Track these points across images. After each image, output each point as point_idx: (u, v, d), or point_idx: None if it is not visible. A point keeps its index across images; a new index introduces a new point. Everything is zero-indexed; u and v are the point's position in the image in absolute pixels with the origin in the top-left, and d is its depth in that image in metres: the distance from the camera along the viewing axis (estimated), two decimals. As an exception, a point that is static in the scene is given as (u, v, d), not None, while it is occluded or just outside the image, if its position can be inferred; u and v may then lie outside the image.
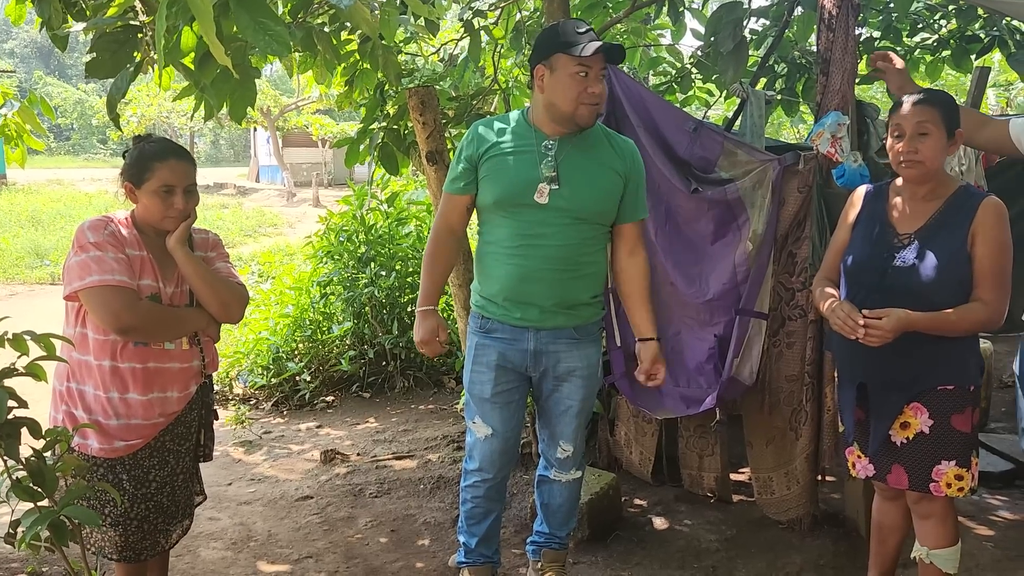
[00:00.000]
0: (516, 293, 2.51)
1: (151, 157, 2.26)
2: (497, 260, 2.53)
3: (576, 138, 2.48)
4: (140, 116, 23.46)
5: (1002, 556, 3.09)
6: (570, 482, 2.79)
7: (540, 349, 2.55)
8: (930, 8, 4.66)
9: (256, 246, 14.55)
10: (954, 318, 2.20)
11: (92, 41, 2.34)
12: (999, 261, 2.24)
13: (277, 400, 5.50)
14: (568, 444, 2.70)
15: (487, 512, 2.77)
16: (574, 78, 2.37)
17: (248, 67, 2.81)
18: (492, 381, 2.59)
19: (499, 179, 2.48)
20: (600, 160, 2.50)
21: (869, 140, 3.18)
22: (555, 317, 2.52)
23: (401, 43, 4.68)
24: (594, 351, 2.65)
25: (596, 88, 2.38)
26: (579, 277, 2.51)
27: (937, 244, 2.26)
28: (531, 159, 2.46)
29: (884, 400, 2.35)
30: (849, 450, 2.53)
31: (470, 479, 2.75)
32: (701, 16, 4.70)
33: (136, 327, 2.19)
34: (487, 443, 2.66)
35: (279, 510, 3.75)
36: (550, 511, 2.85)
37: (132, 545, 2.32)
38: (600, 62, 2.38)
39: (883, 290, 2.29)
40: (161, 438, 2.34)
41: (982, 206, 2.25)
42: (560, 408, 2.65)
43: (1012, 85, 11.59)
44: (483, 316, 2.61)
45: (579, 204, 2.45)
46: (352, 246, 5.99)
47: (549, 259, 2.46)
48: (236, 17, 1.84)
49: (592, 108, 2.41)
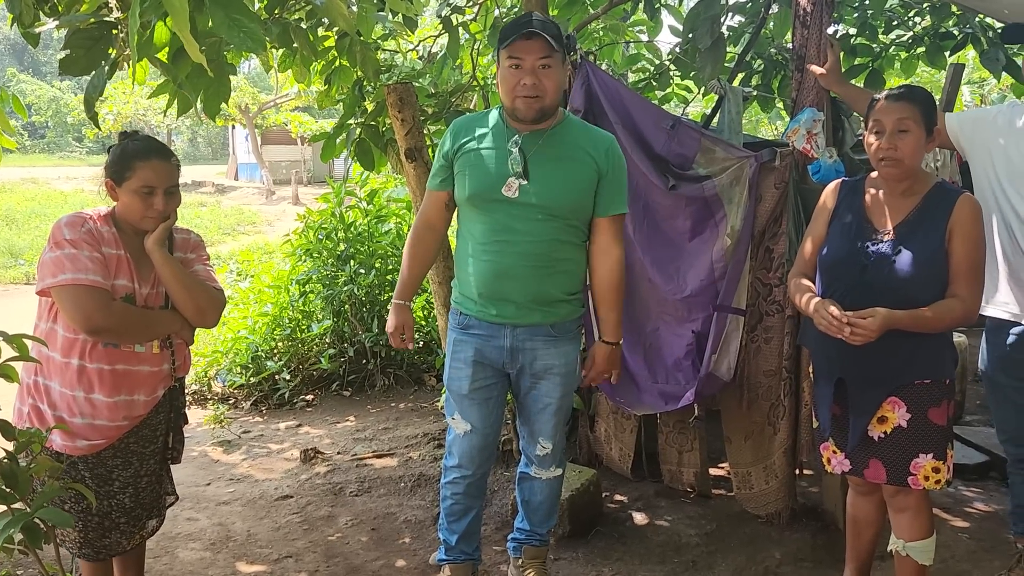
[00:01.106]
0: (491, 290, 2.51)
1: (133, 156, 2.23)
2: (473, 257, 2.53)
3: (548, 133, 2.47)
4: (116, 114, 23.19)
5: (977, 547, 3.13)
6: (551, 479, 2.79)
7: (516, 346, 2.55)
8: (904, 5, 4.70)
9: (235, 244, 14.47)
10: (934, 315, 2.22)
11: (66, 38, 2.30)
12: (975, 258, 2.27)
13: (256, 399, 5.46)
14: (547, 441, 2.70)
15: (467, 509, 2.77)
16: (508, 71, 2.39)
17: (223, 63, 2.79)
18: (469, 377, 2.60)
19: (471, 175, 2.49)
20: (573, 154, 2.48)
21: (844, 136, 3.20)
22: (531, 314, 2.52)
23: (379, 40, 4.66)
24: (572, 349, 2.64)
25: (528, 80, 2.35)
26: (554, 274, 2.50)
27: (916, 241, 2.28)
28: (501, 155, 2.46)
29: (862, 396, 2.37)
30: (824, 446, 2.54)
31: (450, 476, 2.75)
32: (678, 13, 4.71)
33: (107, 328, 2.17)
34: (466, 439, 2.66)
35: (258, 510, 3.72)
36: (531, 508, 2.85)
37: (91, 542, 2.30)
38: (535, 53, 2.34)
39: (862, 286, 2.30)
40: (126, 440, 2.32)
41: (959, 203, 2.27)
42: (538, 405, 2.66)
43: (986, 82, 11.72)
44: (461, 312, 2.62)
45: (549, 199, 2.43)
46: (331, 244, 5.97)
47: (522, 255, 2.45)
48: (210, 13, 1.83)
49: (528, 101, 2.38)
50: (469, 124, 2.56)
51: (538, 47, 2.33)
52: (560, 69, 2.42)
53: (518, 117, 2.43)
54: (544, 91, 2.38)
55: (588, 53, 3.58)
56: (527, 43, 2.33)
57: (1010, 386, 2.68)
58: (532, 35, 2.32)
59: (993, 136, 2.57)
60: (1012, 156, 2.52)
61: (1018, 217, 2.50)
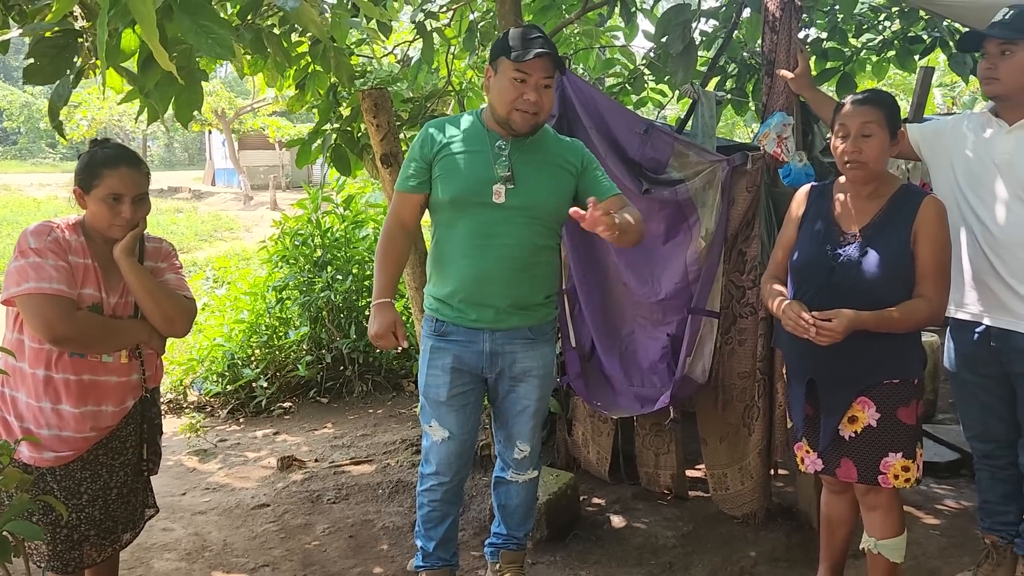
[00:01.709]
0: (472, 294, 2.50)
1: (101, 163, 2.21)
2: (452, 261, 2.53)
3: (529, 141, 2.51)
4: (91, 120, 22.97)
5: (948, 544, 3.17)
6: (527, 482, 2.80)
7: (496, 350, 2.56)
8: (874, 9, 4.76)
9: (211, 251, 14.36)
10: (899, 316, 2.25)
11: (30, 46, 2.28)
12: (940, 258, 2.31)
13: (233, 407, 5.42)
14: (525, 444, 2.71)
15: (444, 515, 2.77)
16: (512, 83, 2.40)
17: (195, 70, 2.77)
18: (448, 384, 2.59)
19: (454, 178, 2.48)
20: (553, 161, 2.53)
21: (813, 140, 3.24)
22: (510, 318, 2.53)
23: (353, 45, 4.65)
24: (549, 351, 2.66)
25: (532, 96, 2.39)
26: (534, 277, 2.53)
27: (881, 242, 2.32)
28: (485, 159, 2.47)
29: (833, 395, 2.40)
30: (798, 446, 2.57)
31: (427, 483, 2.74)
32: (653, 17, 4.74)
33: (70, 338, 2.15)
34: (443, 446, 2.66)
35: (235, 519, 3.70)
36: (507, 512, 2.86)
37: (59, 555, 2.26)
38: (541, 71, 2.39)
39: (830, 288, 2.33)
40: (95, 451, 2.29)
41: (923, 205, 2.31)
42: (517, 408, 2.66)
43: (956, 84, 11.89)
44: (437, 319, 2.60)
45: (534, 203, 2.47)
46: (308, 250, 5.94)
47: (504, 259, 2.46)
48: (178, 20, 1.82)
49: (526, 116, 2.42)
50: (445, 127, 2.56)
51: (545, 66, 2.39)
52: (552, 89, 2.49)
53: (512, 128, 2.45)
54: (542, 108, 2.44)
55: (563, 58, 3.59)
56: (537, 61, 2.36)
57: (974, 383, 2.72)
58: (543, 55, 2.35)
59: (953, 145, 2.63)
60: (972, 164, 2.58)
61: (979, 221, 2.55)
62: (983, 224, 2.53)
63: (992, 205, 2.51)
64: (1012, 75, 2.45)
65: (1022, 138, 2.48)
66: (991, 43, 2.48)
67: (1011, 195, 2.49)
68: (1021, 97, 2.48)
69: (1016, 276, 2.50)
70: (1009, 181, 2.49)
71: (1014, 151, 2.49)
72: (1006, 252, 2.51)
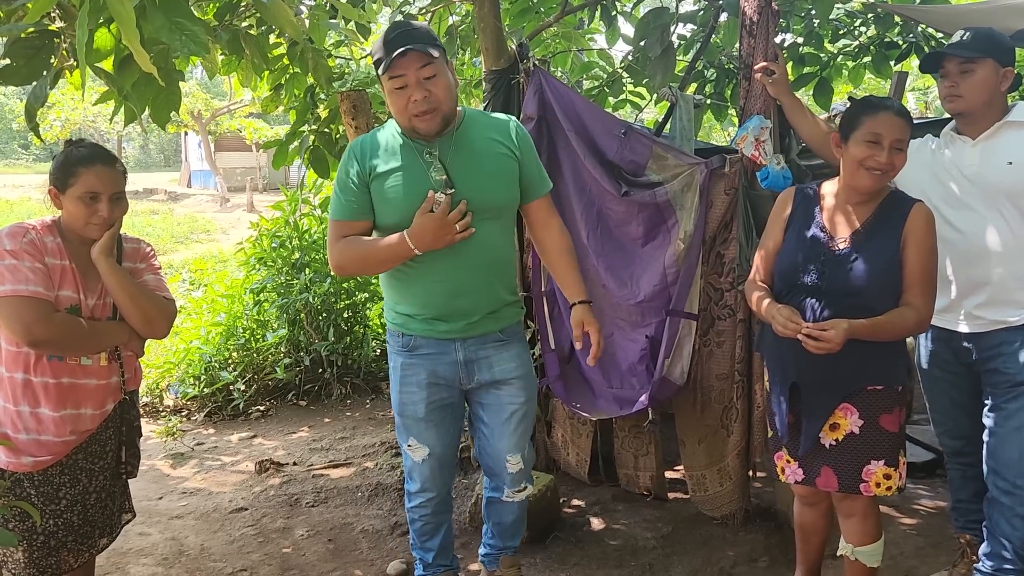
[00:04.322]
0: (443, 309, 2.42)
1: (77, 162, 2.19)
2: (417, 280, 2.41)
3: (456, 134, 2.36)
4: (64, 120, 22.71)
5: (924, 543, 3.20)
6: (523, 499, 2.73)
7: (469, 358, 2.48)
8: (850, 15, 4.80)
9: (188, 253, 14.25)
10: (889, 325, 2.24)
11: (6, 47, 2.25)
12: (927, 266, 2.30)
13: (210, 410, 5.37)
14: (515, 456, 2.61)
15: (438, 526, 2.71)
16: (394, 93, 2.26)
17: (172, 71, 2.75)
18: (424, 400, 2.50)
19: (393, 200, 2.33)
20: (487, 147, 2.38)
21: (790, 143, 3.26)
22: (480, 324, 2.46)
23: (332, 47, 4.63)
24: (523, 350, 2.59)
25: (417, 95, 2.23)
26: (501, 276, 2.48)
27: (872, 249, 2.30)
28: (419, 171, 2.33)
29: (815, 400, 2.38)
30: (778, 455, 2.55)
31: (415, 500, 2.68)
32: (634, 20, 4.76)
33: (48, 340, 2.12)
34: (426, 464, 2.59)
35: (212, 523, 3.67)
36: (503, 528, 2.78)
37: (36, 562, 2.23)
38: (414, 66, 2.21)
39: (819, 294, 2.32)
40: (73, 455, 2.26)
41: (913, 212, 2.31)
42: (503, 416, 2.56)
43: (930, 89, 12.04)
44: (403, 334, 2.49)
45: (480, 199, 2.33)
46: (286, 252, 5.91)
47: (471, 268, 2.37)
48: (151, 18, 1.80)
49: (425, 117, 2.25)
50: (367, 147, 2.40)
51: (415, 59, 2.20)
52: (445, 72, 2.28)
53: (421, 135, 2.31)
54: (438, 101, 2.26)
55: (542, 61, 3.60)
56: (403, 60, 2.19)
57: (944, 379, 2.78)
58: (406, 50, 2.18)
59: (919, 167, 2.68)
60: (943, 179, 2.63)
61: (956, 229, 2.60)
62: (959, 232, 2.58)
63: (969, 216, 2.57)
64: (973, 92, 2.52)
65: (987, 149, 2.55)
66: (951, 62, 2.55)
67: (985, 205, 2.54)
68: (982, 112, 2.55)
69: (994, 282, 2.54)
70: (981, 191, 2.55)
71: (981, 162, 2.55)
72: (980, 258, 2.56)
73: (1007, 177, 2.50)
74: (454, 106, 2.35)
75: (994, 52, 2.51)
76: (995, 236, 2.53)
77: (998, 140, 2.54)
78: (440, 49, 2.26)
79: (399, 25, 2.29)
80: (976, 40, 2.52)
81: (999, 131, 2.54)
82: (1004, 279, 2.53)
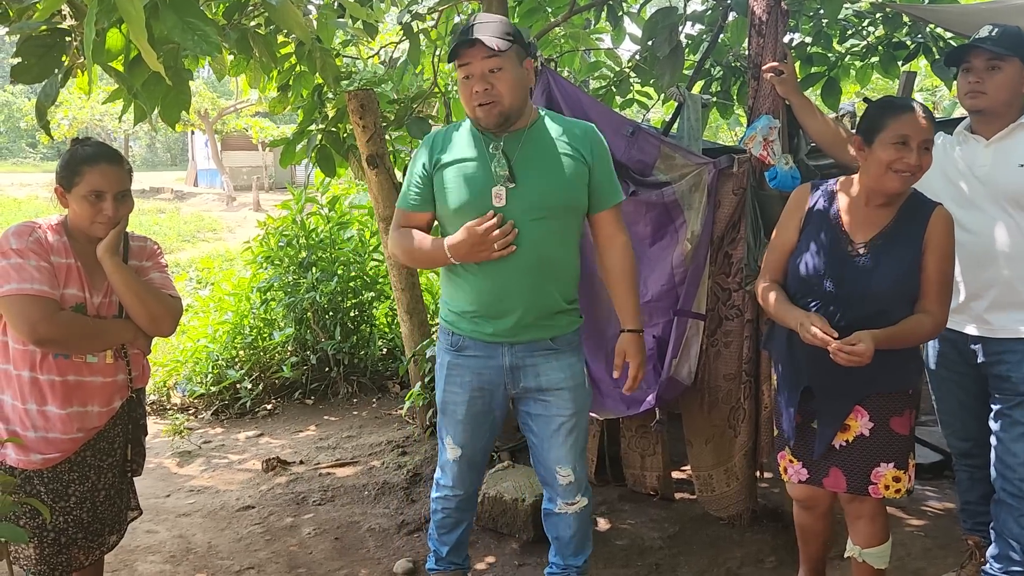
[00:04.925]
0: (488, 308, 2.38)
1: (82, 161, 2.20)
2: (465, 275, 2.39)
3: (527, 132, 2.36)
4: (72, 119, 22.80)
5: (932, 545, 3.19)
6: (577, 512, 2.62)
7: (516, 364, 2.42)
8: (858, 15, 4.79)
9: (194, 252, 14.29)
10: (908, 332, 2.22)
11: (17, 45, 2.26)
12: (946, 272, 2.27)
13: (217, 409, 5.39)
14: (566, 468, 2.53)
15: (458, 522, 2.72)
16: (463, 83, 2.30)
17: (181, 70, 2.76)
18: (467, 403, 2.48)
19: (454, 188, 2.36)
20: (555, 148, 2.37)
21: (799, 143, 3.26)
22: (529, 330, 2.40)
23: (340, 46, 4.64)
24: (576, 361, 2.50)
25: (479, 87, 2.26)
26: (554, 280, 2.39)
27: (894, 254, 2.26)
28: (483, 163, 2.34)
29: (831, 405, 2.36)
30: (781, 455, 2.53)
31: (441, 492, 2.68)
32: (640, 20, 4.75)
33: (53, 338, 2.13)
34: (456, 464, 2.59)
35: (219, 521, 3.68)
36: (562, 543, 2.70)
37: (47, 559, 2.24)
38: (479, 57, 2.23)
39: (839, 300, 2.28)
40: (82, 453, 2.27)
41: (934, 216, 2.27)
42: (551, 427, 2.49)
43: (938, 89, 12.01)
44: (453, 333, 2.49)
45: (540, 198, 2.31)
46: (292, 251, 5.92)
47: (519, 268, 2.32)
48: (163, 18, 1.81)
49: (485, 109, 2.28)
50: (442, 137, 2.45)
51: (481, 50, 2.23)
52: (514, 68, 2.28)
53: (482, 125, 2.34)
54: (499, 95, 2.27)
55: (549, 60, 3.60)
56: (471, 50, 2.24)
57: (952, 380, 2.77)
58: (474, 42, 2.22)
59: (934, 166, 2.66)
60: (955, 179, 2.62)
61: (967, 231, 2.58)
62: (969, 232, 2.56)
63: (978, 216, 2.55)
64: (997, 90, 2.49)
65: (1000, 150, 2.53)
66: (979, 57, 2.50)
67: (995, 206, 2.53)
68: (1001, 112, 2.53)
69: (1002, 284, 2.54)
70: (991, 192, 2.53)
71: (993, 164, 2.53)
72: (989, 260, 2.55)
73: (1019, 179, 2.48)
74: (519, 103, 2.33)
75: (1021, 51, 2.48)
76: (1005, 237, 2.51)
77: (1012, 142, 2.52)
78: (512, 44, 2.26)
79: (476, 16, 2.32)
80: (1005, 37, 2.48)
81: (1014, 132, 2.52)
82: (1012, 281, 2.52)
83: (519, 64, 2.31)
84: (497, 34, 2.24)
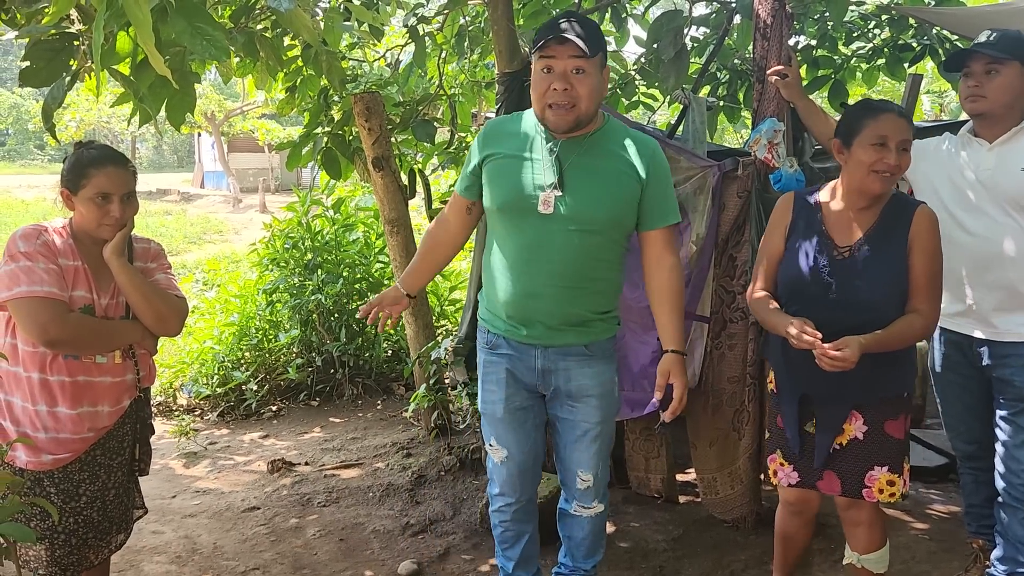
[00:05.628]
0: (520, 310, 2.34)
1: (88, 163, 2.21)
2: (501, 275, 2.36)
3: (587, 140, 2.28)
4: (79, 121, 22.90)
5: (937, 548, 3.19)
6: (593, 516, 2.59)
7: (548, 367, 2.39)
8: (864, 17, 4.79)
9: (201, 253, 14.33)
10: (898, 334, 2.21)
11: (26, 49, 2.28)
12: (933, 271, 2.27)
13: (222, 410, 5.41)
14: (587, 473, 2.49)
15: (519, 534, 2.63)
16: (539, 75, 2.21)
17: (188, 73, 2.77)
18: (503, 400, 2.45)
19: (500, 185, 2.31)
20: (613, 164, 2.28)
21: (804, 146, 3.26)
22: (563, 335, 2.35)
23: (346, 49, 4.66)
24: (608, 369, 2.46)
25: (559, 85, 2.16)
26: (589, 294, 2.33)
27: (880, 256, 2.27)
28: (536, 164, 2.27)
29: (829, 412, 2.36)
30: (771, 458, 2.53)
31: (495, 504, 2.62)
32: (644, 23, 4.76)
33: (63, 340, 2.15)
34: (504, 467, 2.53)
35: (225, 522, 3.69)
36: (573, 544, 2.66)
37: (58, 560, 2.25)
38: (568, 55, 2.15)
39: (828, 305, 2.28)
40: (92, 452, 2.29)
41: (917, 215, 2.27)
42: (576, 433, 2.45)
43: (945, 92, 11.98)
44: (489, 331, 2.47)
45: (586, 213, 2.24)
46: (298, 253, 5.94)
47: (553, 275, 2.27)
48: (173, 22, 1.82)
49: (559, 111, 2.19)
50: (501, 128, 2.39)
51: (571, 48, 2.14)
52: (596, 75, 2.21)
53: (549, 127, 2.24)
54: (578, 98, 2.18)
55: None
56: (558, 46, 2.15)
57: (957, 383, 2.77)
58: (565, 39, 2.14)
59: (935, 166, 2.67)
60: (957, 181, 2.62)
61: (968, 233, 2.59)
62: (972, 235, 2.57)
63: (982, 220, 2.56)
64: (996, 93, 2.51)
65: (1003, 154, 2.54)
66: (977, 62, 2.53)
67: (998, 209, 2.53)
68: (1002, 115, 2.54)
69: (1007, 287, 2.54)
70: (994, 196, 2.54)
71: (996, 167, 2.54)
72: (993, 262, 2.55)
73: (1022, 182, 2.49)
74: (592, 111, 2.25)
75: (1021, 54, 2.49)
76: (1008, 240, 2.52)
77: (1015, 145, 2.52)
78: (599, 52, 2.21)
79: (569, 14, 2.27)
80: (1003, 41, 2.50)
81: (1017, 136, 2.52)
82: (1016, 284, 2.52)
83: (600, 72, 2.25)
84: (590, 38, 2.17)
